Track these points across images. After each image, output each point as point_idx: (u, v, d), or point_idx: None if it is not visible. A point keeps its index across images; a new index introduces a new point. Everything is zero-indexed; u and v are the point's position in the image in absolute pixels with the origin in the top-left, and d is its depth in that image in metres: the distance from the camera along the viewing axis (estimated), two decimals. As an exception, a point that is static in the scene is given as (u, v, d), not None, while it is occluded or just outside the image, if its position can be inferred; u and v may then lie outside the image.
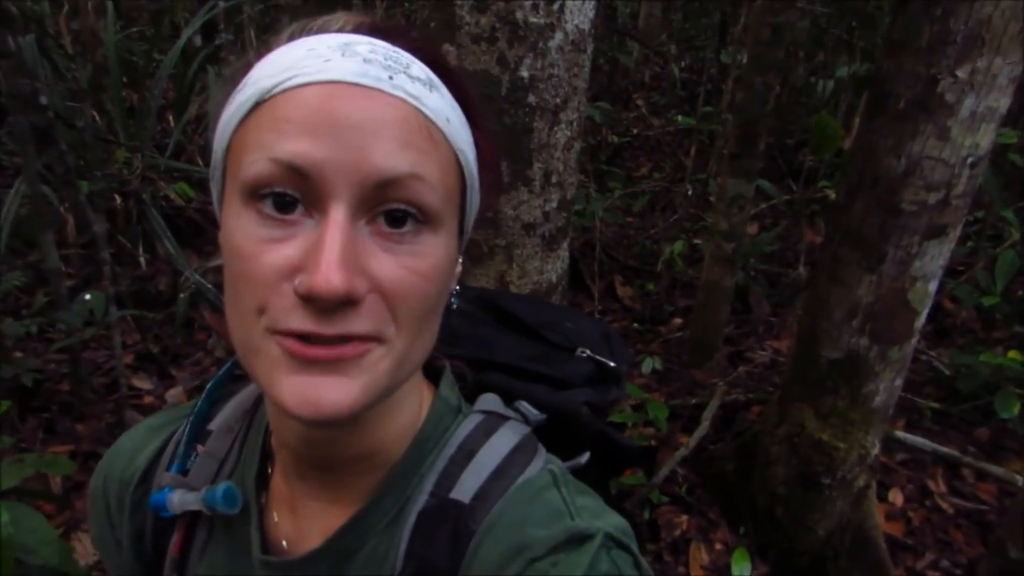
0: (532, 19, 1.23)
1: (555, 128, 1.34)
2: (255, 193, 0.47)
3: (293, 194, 0.46)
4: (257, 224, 0.47)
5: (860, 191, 1.95)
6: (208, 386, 0.70)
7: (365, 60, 0.48)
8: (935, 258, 1.91)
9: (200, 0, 3.88)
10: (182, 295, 2.86)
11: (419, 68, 0.51)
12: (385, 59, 0.49)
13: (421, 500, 0.59)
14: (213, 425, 0.68)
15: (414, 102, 0.49)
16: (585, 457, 0.71)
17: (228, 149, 0.51)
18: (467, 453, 0.60)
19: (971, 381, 2.89)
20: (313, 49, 0.49)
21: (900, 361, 2.06)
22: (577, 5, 1.27)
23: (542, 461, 0.62)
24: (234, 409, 0.69)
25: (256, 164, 0.46)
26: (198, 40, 4.02)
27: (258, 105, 0.48)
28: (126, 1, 4.73)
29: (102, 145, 2.89)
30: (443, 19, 1.27)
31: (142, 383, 2.85)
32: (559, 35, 1.27)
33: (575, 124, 1.39)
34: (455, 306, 0.62)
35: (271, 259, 0.46)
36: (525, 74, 1.27)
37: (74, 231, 3.18)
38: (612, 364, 0.79)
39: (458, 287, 0.62)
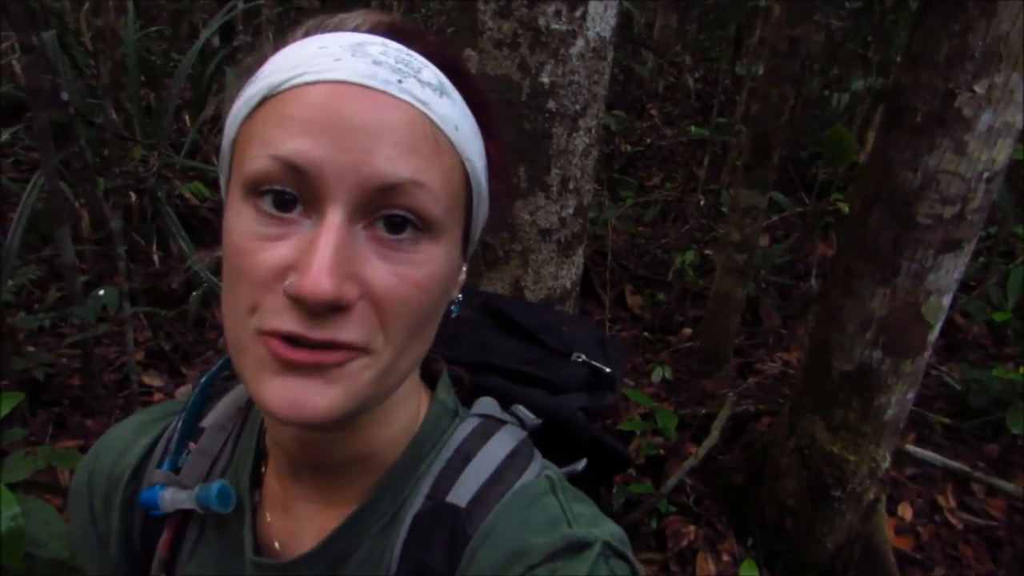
0: (554, 25, 1.24)
1: (574, 134, 1.35)
2: (255, 189, 0.47)
3: (292, 192, 0.46)
4: (255, 220, 0.47)
5: (875, 204, 1.94)
6: (201, 382, 0.69)
7: (375, 62, 0.48)
8: (949, 272, 1.91)
9: (219, 1, 3.91)
10: (195, 293, 2.87)
11: (431, 72, 0.50)
12: (396, 62, 0.49)
13: (417, 503, 0.59)
14: (206, 422, 0.67)
15: (421, 107, 0.48)
16: (582, 463, 0.71)
17: (235, 141, 0.51)
18: (464, 457, 0.60)
19: (982, 396, 2.87)
20: (325, 47, 0.48)
21: (912, 375, 2.05)
22: (599, 13, 1.28)
23: (539, 466, 0.62)
24: (228, 406, 0.68)
25: (258, 160, 0.46)
26: (216, 41, 4.04)
27: (266, 100, 0.48)
28: (146, 0, 4.76)
29: (119, 142, 2.92)
30: (466, 24, 1.28)
31: (152, 380, 2.87)
32: (580, 42, 1.27)
33: (593, 131, 1.40)
34: (455, 315, 0.61)
35: (266, 257, 0.46)
36: (546, 80, 1.28)
37: (89, 227, 3.20)
38: (607, 370, 0.79)
39: (460, 295, 0.61)
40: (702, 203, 4.38)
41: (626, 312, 3.93)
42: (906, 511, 2.60)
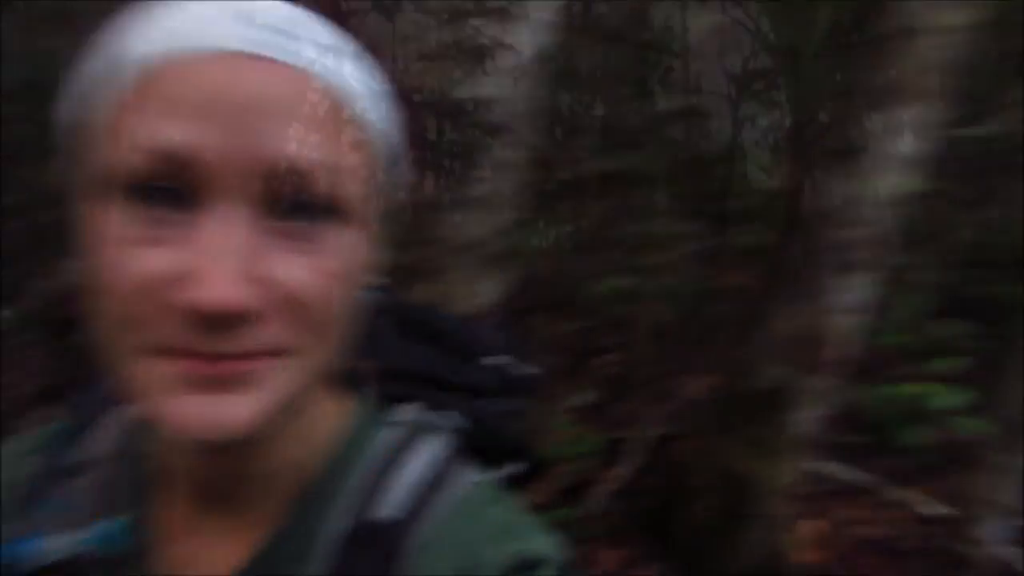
0: (486, 41, 1.25)
1: (505, 149, 1.36)
2: (124, 185, 0.38)
3: (172, 187, 0.38)
4: (125, 222, 0.38)
5: (788, 229, 2.02)
6: (70, 409, 0.59)
7: (262, 25, 0.40)
8: (856, 293, 2.00)
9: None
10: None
11: (325, 32, 0.43)
12: (286, 22, 0.41)
13: (340, 522, 0.52)
14: (83, 454, 0.57)
15: (321, 74, 0.41)
16: (519, 468, 0.67)
17: (86, 126, 0.41)
18: (390, 467, 0.54)
19: (885, 413, 3.00)
20: (200, 10, 0.40)
21: (822, 392, 2.13)
22: (531, 32, 1.29)
23: (472, 473, 0.57)
24: (106, 433, 0.58)
25: (126, 152, 0.38)
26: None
27: (128, 76, 0.39)
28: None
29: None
30: (393, 33, 1.28)
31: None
32: (512, 59, 1.29)
33: (522, 148, 1.41)
34: (373, 301, 0.53)
35: (144, 265, 0.38)
36: (480, 93, 1.28)
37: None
38: (525, 373, 0.74)
39: (370, 280, 0.53)
40: (628, 231, 4.45)
41: (549, 336, 3.94)
42: (817, 526, 2.67)
